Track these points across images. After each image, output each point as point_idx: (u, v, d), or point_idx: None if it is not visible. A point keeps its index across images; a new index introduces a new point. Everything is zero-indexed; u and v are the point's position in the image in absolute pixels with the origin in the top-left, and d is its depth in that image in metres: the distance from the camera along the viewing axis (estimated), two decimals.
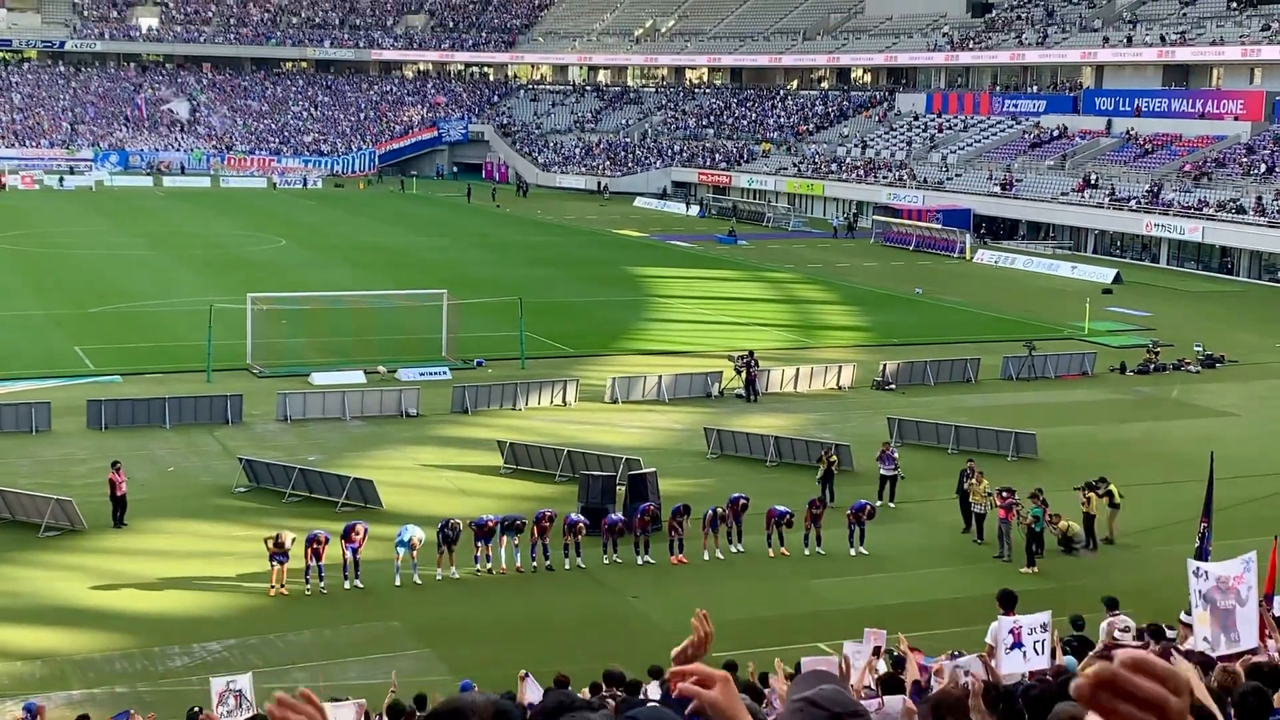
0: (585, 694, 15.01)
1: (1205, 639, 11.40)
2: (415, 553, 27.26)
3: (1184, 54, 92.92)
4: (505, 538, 28.27)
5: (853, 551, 29.96)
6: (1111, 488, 30.85)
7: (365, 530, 27.36)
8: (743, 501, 30.15)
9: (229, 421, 39.26)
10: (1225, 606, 11.40)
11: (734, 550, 29.73)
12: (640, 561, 28.87)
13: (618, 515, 29.80)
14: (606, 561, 29.04)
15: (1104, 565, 29.26)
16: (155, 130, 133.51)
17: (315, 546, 26.68)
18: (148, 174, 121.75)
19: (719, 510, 29.65)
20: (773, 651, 21.71)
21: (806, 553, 29.92)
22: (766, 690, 15.75)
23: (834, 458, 33.88)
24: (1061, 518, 30.15)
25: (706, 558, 29.25)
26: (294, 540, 26.76)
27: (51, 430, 37.98)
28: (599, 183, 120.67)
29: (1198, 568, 11.88)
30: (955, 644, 19.43)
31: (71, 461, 35.35)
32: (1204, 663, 10.13)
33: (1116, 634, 13.84)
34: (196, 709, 18.88)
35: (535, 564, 28.46)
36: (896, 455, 34.23)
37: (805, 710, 3.47)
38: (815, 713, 3.46)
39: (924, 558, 29.99)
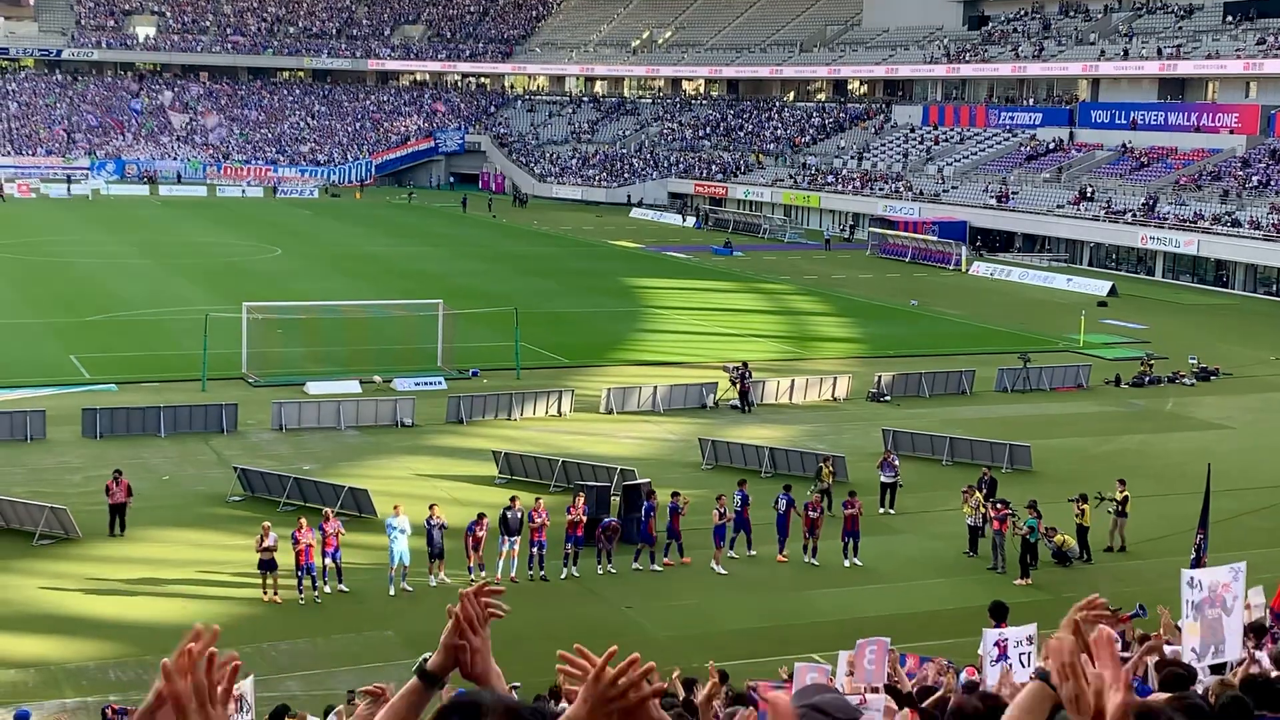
0: None
1: (1193, 649, 11.42)
2: (405, 565, 27.49)
3: (1180, 67, 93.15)
4: (509, 544, 28.32)
5: (847, 563, 30.02)
6: (1117, 495, 31.03)
7: (338, 527, 27.55)
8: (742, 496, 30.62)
9: (224, 430, 39.25)
10: (1212, 616, 11.42)
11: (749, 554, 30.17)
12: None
13: (610, 519, 29.96)
14: (600, 572, 29.10)
15: (1098, 577, 29.27)
16: (152, 139, 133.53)
17: (299, 547, 26.82)
18: (144, 183, 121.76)
19: (723, 512, 29.69)
20: (767, 663, 21.74)
21: (806, 560, 30.03)
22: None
23: (832, 470, 34.05)
24: (1057, 531, 30.18)
25: (722, 571, 29.32)
26: (277, 540, 26.84)
27: (46, 438, 37.95)
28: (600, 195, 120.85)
29: (1192, 577, 11.89)
30: (948, 655, 19.45)
31: (66, 470, 35.33)
32: (1188, 674, 10.15)
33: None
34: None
35: (531, 574, 28.54)
36: (897, 463, 34.38)
37: (809, 716, 3.51)
38: (819, 718, 3.50)
39: (918, 569, 30.03)
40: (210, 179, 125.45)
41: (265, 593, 26.93)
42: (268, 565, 26.89)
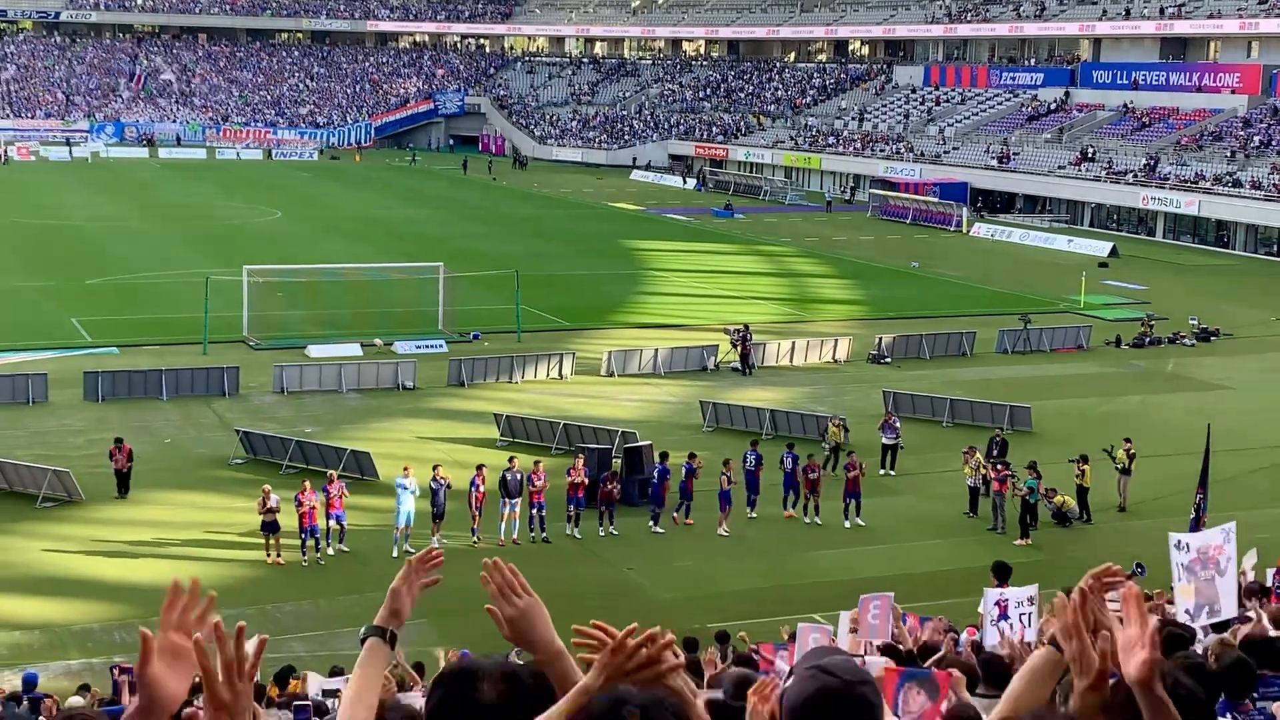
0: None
1: (1187, 611, 11.50)
2: (409, 527, 27.61)
3: (1181, 27, 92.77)
4: (510, 507, 28.41)
5: (848, 524, 30.14)
6: (1120, 451, 31.19)
7: (341, 489, 27.68)
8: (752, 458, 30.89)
9: (226, 393, 39.31)
10: (1205, 577, 11.48)
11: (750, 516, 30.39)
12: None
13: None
14: (602, 534, 29.22)
15: (1098, 537, 29.39)
16: (151, 102, 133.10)
17: (302, 509, 26.91)
18: (143, 145, 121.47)
19: (729, 477, 29.81)
20: (767, 623, 21.86)
21: (806, 520, 30.18)
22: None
23: (840, 426, 34.45)
24: (1057, 492, 30.29)
25: (725, 533, 29.49)
26: (279, 502, 26.94)
27: (49, 401, 38.03)
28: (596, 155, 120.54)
29: (1179, 540, 11.95)
30: (949, 615, 19.56)
31: (69, 433, 35.41)
32: (1188, 634, 10.22)
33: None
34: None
35: (533, 536, 28.65)
36: (899, 425, 34.49)
37: (817, 677, 3.55)
38: (827, 680, 3.53)
39: (919, 530, 30.14)
40: (209, 141, 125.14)
41: (268, 554, 27.06)
42: (270, 527, 26.99)
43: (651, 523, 29.80)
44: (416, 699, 16.24)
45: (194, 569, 26.70)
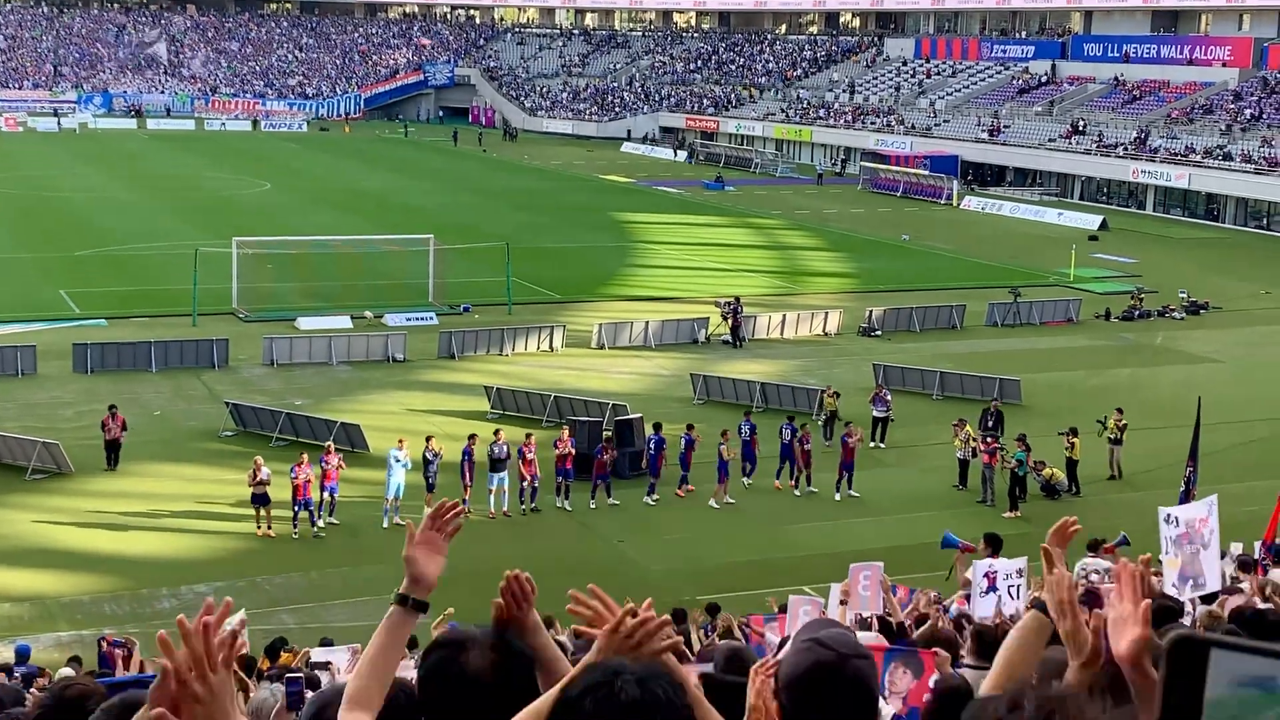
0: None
1: (1173, 584, 11.55)
2: (398, 499, 27.60)
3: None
4: (497, 480, 28.41)
5: (838, 496, 30.21)
6: (1111, 421, 31.37)
7: (338, 462, 27.72)
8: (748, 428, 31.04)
9: (215, 365, 39.24)
10: (1190, 551, 11.53)
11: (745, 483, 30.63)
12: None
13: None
14: (593, 506, 29.24)
15: (1087, 509, 29.43)
16: (139, 73, 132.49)
17: (297, 481, 26.92)
18: (132, 116, 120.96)
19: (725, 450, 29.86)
20: (758, 595, 21.91)
21: (797, 494, 30.26)
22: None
23: (836, 395, 34.52)
24: (1046, 464, 30.38)
25: (717, 506, 29.56)
26: (270, 475, 26.92)
27: (37, 373, 37.94)
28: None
29: (1169, 514, 11.99)
30: (938, 587, 19.62)
31: (58, 404, 35.35)
32: (1177, 607, 10.26)
33: (1092, 576, 14.00)
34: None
35: (524, 508, 28.67)
36: (889, 397, 34.55)
37: (813, 649, 3.56)
38: (823, 653, 3.54)
39: (909, 502, 30.20)
40: (198, 113, 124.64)
41: (259, 526, 27.06)
42: (261, 499, 26.99)
43: (648, 495, 29.82)
44: (408, 669, 16.27)
45: (183, 541, 26.72)
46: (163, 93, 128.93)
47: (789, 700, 3.64)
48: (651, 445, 30.39)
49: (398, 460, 27.73)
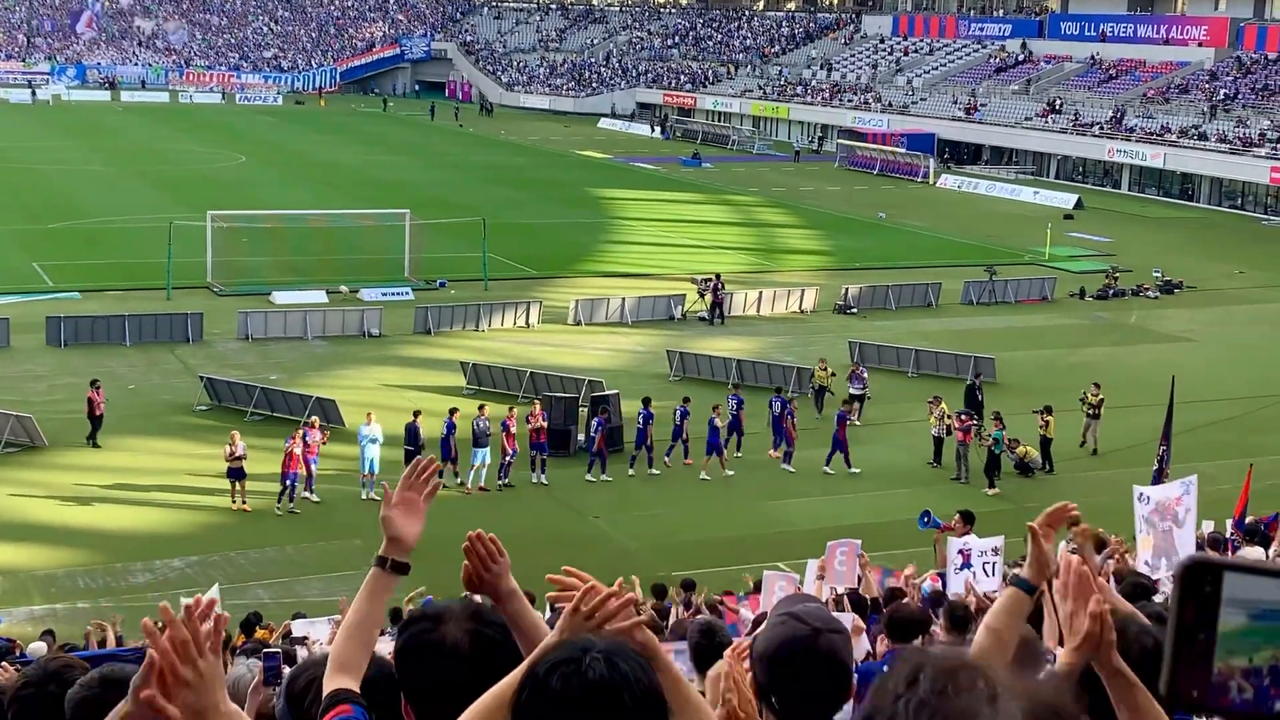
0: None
1: (1146, 562, 11.63)
2: (373, 474, 27.55)
3: None
4: (481, 455, 28.44)
5: (828, 469, 30.33)
6: (1091, 397, 31.65)
7: (320, 437, 27.72)
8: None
9: (189, 340, 39.09)
10: (1163, 529, 11.62)
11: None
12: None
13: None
14: (591, 479, 29.41)
15: (1060, 486, 29.57)
16: (114, 44, 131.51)
17: (291, 449, 26.92)
18: (105, 88, 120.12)
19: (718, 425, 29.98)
20: (734, 570, 21.98)
21: (784, 466, 30.37)
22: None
23: (827, 370, 34.65)
24: (1019, 443, 30.53)
25: (706, 477, 29.67)
26: (245, 449, 26.86)
27: (10, 347, 37.73)
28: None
29: (1141, 493, 12.10)
30: (916, 563, 19.68)
31: (31, 378, 35.15)
32: (1148, 584, 10.31)
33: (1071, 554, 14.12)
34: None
35: (501, 484, 28.69)
36: (866, 375, 34.66)
37: (788, 623, 3.58)
38: (797, 626, 3.57)
39: (884, 480, 30.29)
40: (173, 85, 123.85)
41: (234, 501, 27.01)
42: (236, 474, 26.91)
43: (630, 467, 29.90)
44: (385, 645, 16.30)
45: (157, 515, 26.63)
46: (137, 65, 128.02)
47: (764, 673, 3.67)
48: (640, 419, 30.40)
49: (365, 436, 27.73)
